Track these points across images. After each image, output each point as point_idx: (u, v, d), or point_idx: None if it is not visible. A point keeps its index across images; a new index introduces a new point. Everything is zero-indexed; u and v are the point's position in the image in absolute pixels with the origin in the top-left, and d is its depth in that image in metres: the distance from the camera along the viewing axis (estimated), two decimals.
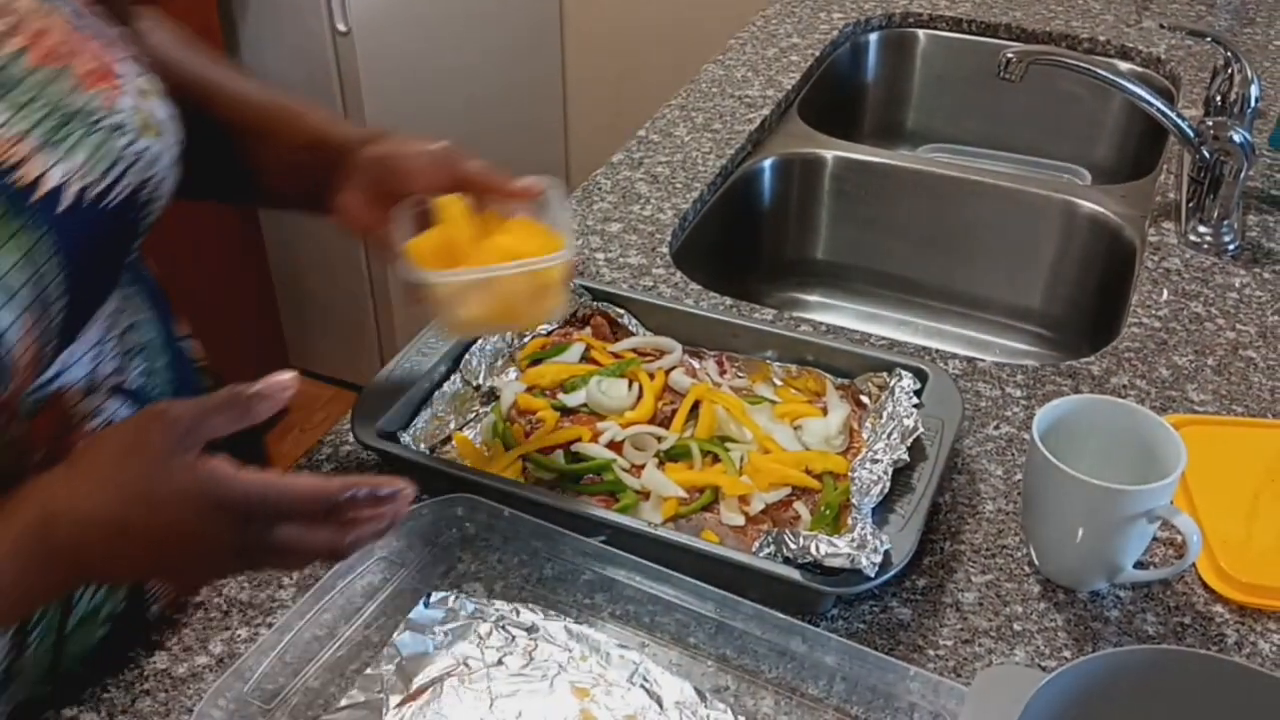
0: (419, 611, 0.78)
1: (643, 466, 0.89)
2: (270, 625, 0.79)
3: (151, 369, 0.80)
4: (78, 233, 0.67)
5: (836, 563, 0.76)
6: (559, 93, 2.84)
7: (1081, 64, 1.25)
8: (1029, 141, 1.69)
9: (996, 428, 0.97)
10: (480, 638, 0.77)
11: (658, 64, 2.62)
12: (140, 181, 0.73)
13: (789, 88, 1.54)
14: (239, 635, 0.79)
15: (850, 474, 0.85)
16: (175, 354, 0.84)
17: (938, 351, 1.07)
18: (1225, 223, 1.23)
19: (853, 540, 0.77)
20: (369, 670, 0.75)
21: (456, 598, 0.79)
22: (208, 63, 0.90)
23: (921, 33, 1.74)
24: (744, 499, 0.87)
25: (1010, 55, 1.21)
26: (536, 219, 0.83)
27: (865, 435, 0.92)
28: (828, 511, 0.85)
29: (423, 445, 0.91)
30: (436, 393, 0.95)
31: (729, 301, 1.14)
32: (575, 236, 0.83)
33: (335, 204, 0.84)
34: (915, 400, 0.90)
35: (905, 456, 0.84)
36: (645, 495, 0.87)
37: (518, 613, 0.79)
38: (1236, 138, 1.19)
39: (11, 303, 0.63)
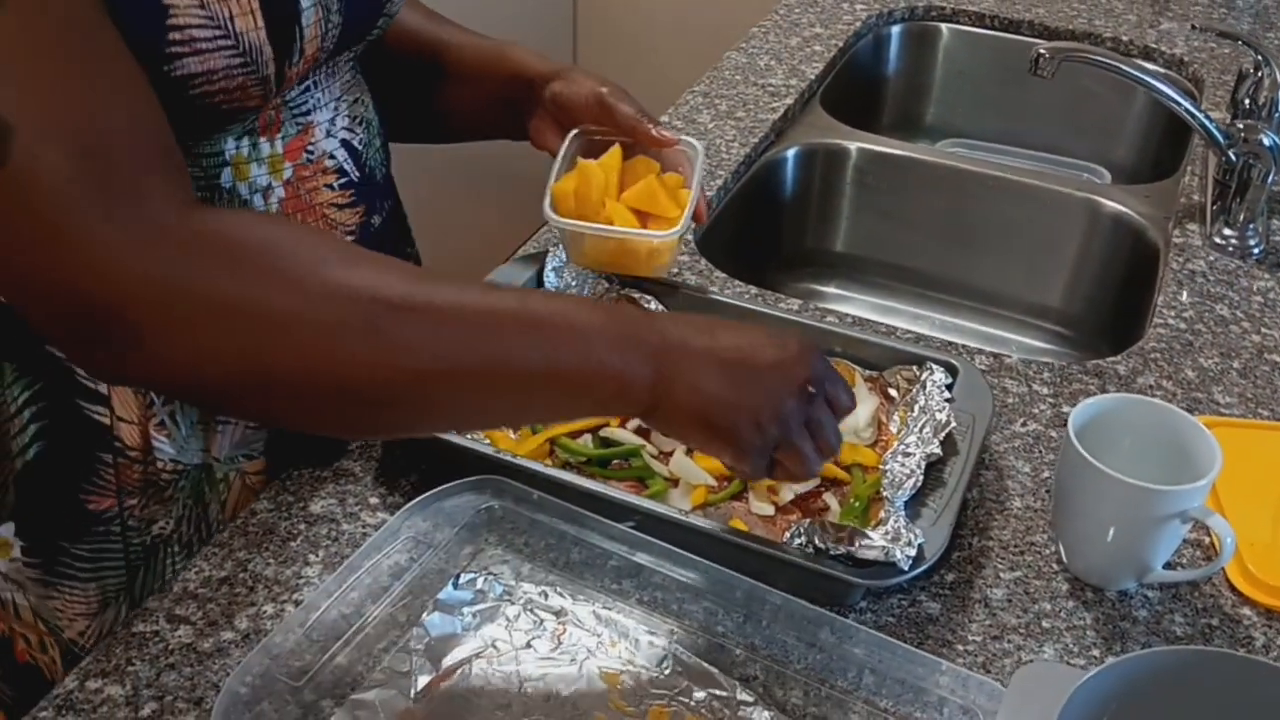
0: (448, 592, 0.78)
1: (671, 453, 0.89)
2: (296, 602, 0.79)
3: (370, 140, 0.91)
4: None
5: (871, 555, 0.76)
6: None
7: (1114, 62, 1.24)
8: (1048, 139, 1.68)
9: (1024, 425, 0.97)
10: (509, 620, 0.77)
11: (671, 50, 2.61)
12: None
13: (812, 77, 1.53)
14: (265, 611, 0.79)
15: (881, 467, 0.85)
16: (384, 146, 0.95)
17: (962, 347, 1.06)
18: (1250, 226, 1.22)
19: (886, 533, 0.77)
20: (397, 649, 0.75)
21: (485, 579, 0.79)
22: (440, 23, 1.06)
23: (944, 27, 1.74)
24: (773, 489, 0.86)
25: (1043, 52, 1.21)
26: (682, 171, 0.99)
27: (893, 428, 0.92)
28: (856, 503, 0.85)
29: None
30: None
31: (754, 290, 1.13)
32: (703, 196, 0.99)
33: (529, 130, 1.01)
34: (947, 394, 0.90)
35: (938, 451, 0.84)
36: (674, 482, 0.87)
37: (546, 596, 0.78)
38: (1266, 141, 1.19)
39: None
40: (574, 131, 0.98)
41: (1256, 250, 1.22)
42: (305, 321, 0.65)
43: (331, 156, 0.86)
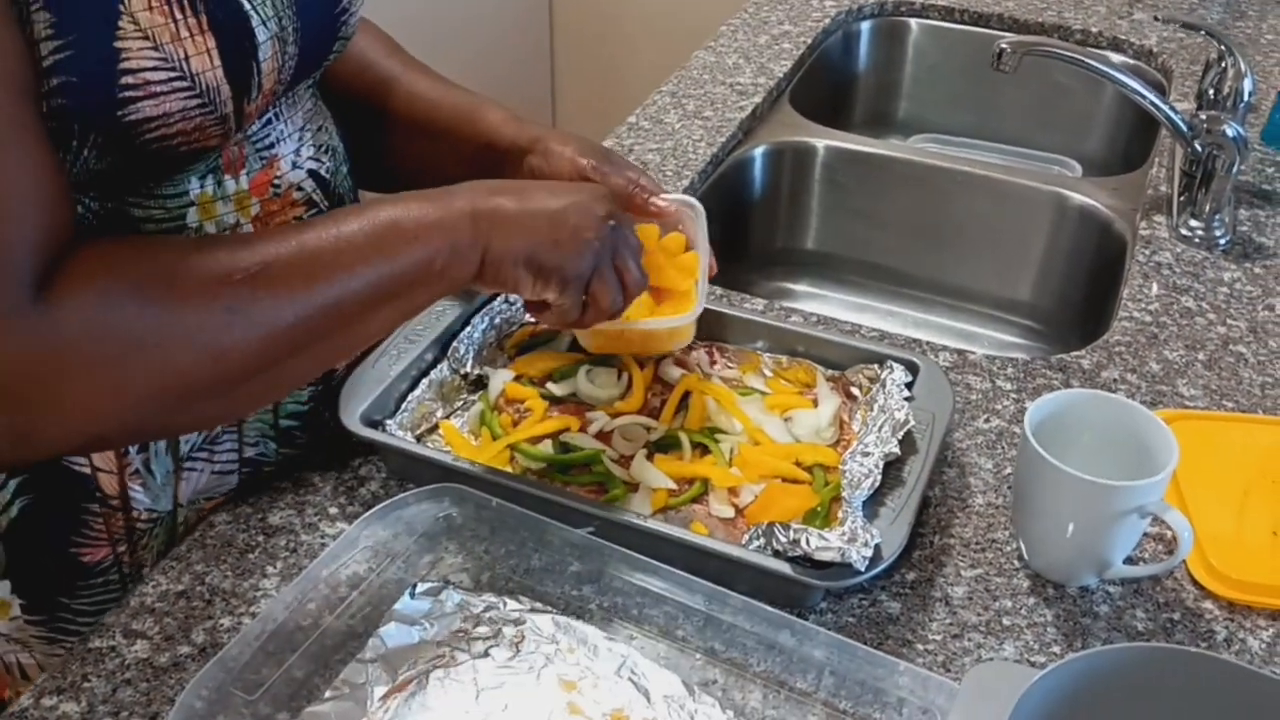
0: (405, 602, 0.77)
1: (632, 457, 0.88)
2: (253, 615, 0.79)
3: (337, 168, 0.89)
4: (306, 5, 0.80)
5: (827, 556, 0.75)
6: (546, 78, 2.82)
7: (1076, 56, 1.24)
8: (1020, 133, 1.69)
9: (987, 421, 0.97)
10: (466, 629, 0.76)
11: (646, 49, 2.60)
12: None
13: (780, 75, 1.53)
14: (222, 625, 0.78)
15: (841, 467, 0.85)
16: (350, 172, 0.93)
17: (928, 344, 1.06)
18: (1217, 217, 1.23)
19: (843, 534, 0.77)
20: (354, 661, 0.74)
21: (443, 589, 0.78)
22: (399, 64, 1.00)
23: (914, 22, 1.74)
24: (734, 491, 0.86)
25: (1005, 46, 1.20)
26: (684, 230, 0.92)
27: (855, 428, 0.92)
28: (819, 508, 0.84)
29: (409, 433, 0.90)
30: (423, 380, 0.94)
31: (719, 291, 1.13)
32: (710, 258, 0.92)
33: None
34: (906, 393, 0.89)
35: (896, 450, 0.84)
36: (634, 487, 0.87)
37: (504, 604, 0.78)
38: (1229, 132, 1.19)
39: (265, 26, 0.75)
40: None
41: (1223, 241, 1.22)
42: (172, 337, 0.68)
43: (299, 188, 0.85)
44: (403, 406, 0.91)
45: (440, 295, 0.79)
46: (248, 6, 0.74)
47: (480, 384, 0.96)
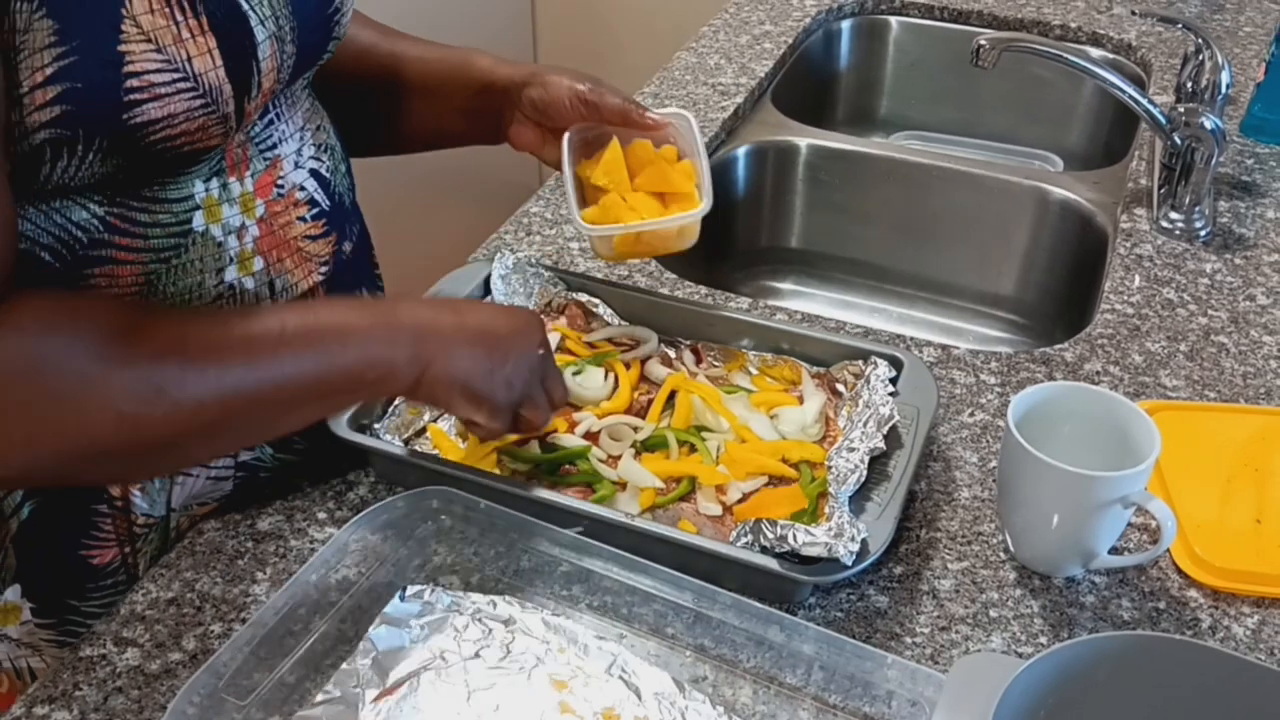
0: (394, 605, 0.78)
1: (619, 457, 0.89)
2: (244, 620, 0.79)
3: (336, 166, 0.91)
4: (301, 3, 0.81)
5: (814, 552, 0.76)
6: None
7: (1055, 51, 1.25)
8: (1001, 128, 1.70)
9: (971, 415, 0.97)
10: (457, 631, 0.77)
11: (628, 51, 2.61)
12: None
13: (762, 75, 1.54)
14: (213, 631, 0.78)
15: (827, 463, 0.85)
16: (348, 170, 0.95)
17: (912, 339, 1.07)
18: (1197, 209, 1.23)
19: (830, 529, 0.77)
20: (344, 665, 0.74)
21: (432, 591, 0.79)
22: (375, 32, 1.04)
23: (894, 20, 1.74)
24: (721, 489, 0.87)
25: (983, 42, 1.21)
26: (678, 143, 0.97)
27: (841, 424, 0.92)
28: (806, 504, 0.85)
29: (396, 437, 0.90)
30: None
31: (704, 290, 1.14)
32: (708, 163, 0.97)
33: (508, 135, 1.00)
34: (891, 388, 0.90)
35: (881, 445, 0.84)
36: (622, 486, 0.87)
37: (495, 605, 0.78)
38: (1208, 124, 1.20)
39: (264, 25, 0.76)
40: (567, 135, 0.95)
41: (1203, 233, 1.23)
42: (93, 401, 0.67)
43: (302, 188, 0.85)
44: (390, 410, 0.92)
45: (368, 401, 0.83)
46: (245, 6, 0.75)
47: None
